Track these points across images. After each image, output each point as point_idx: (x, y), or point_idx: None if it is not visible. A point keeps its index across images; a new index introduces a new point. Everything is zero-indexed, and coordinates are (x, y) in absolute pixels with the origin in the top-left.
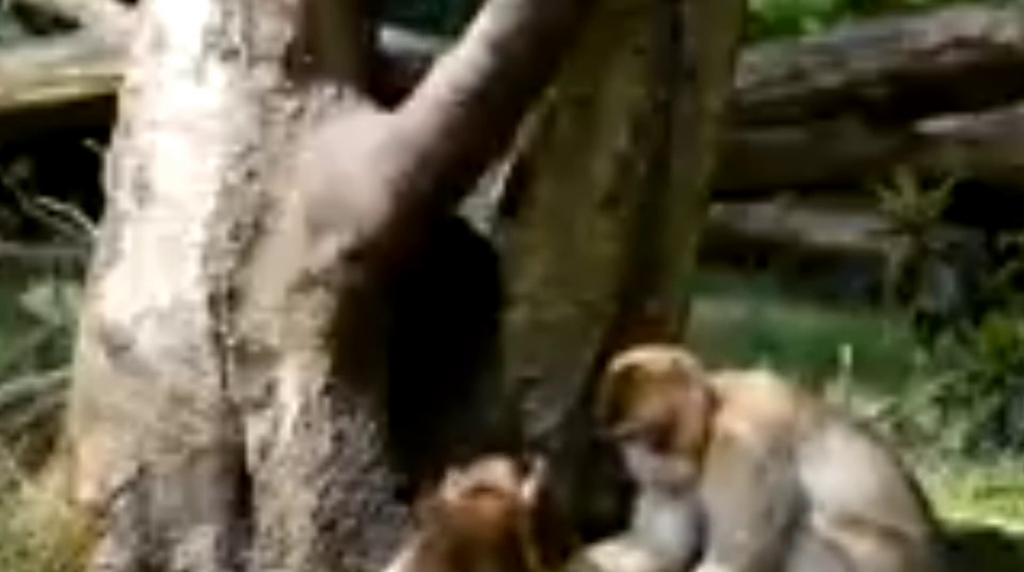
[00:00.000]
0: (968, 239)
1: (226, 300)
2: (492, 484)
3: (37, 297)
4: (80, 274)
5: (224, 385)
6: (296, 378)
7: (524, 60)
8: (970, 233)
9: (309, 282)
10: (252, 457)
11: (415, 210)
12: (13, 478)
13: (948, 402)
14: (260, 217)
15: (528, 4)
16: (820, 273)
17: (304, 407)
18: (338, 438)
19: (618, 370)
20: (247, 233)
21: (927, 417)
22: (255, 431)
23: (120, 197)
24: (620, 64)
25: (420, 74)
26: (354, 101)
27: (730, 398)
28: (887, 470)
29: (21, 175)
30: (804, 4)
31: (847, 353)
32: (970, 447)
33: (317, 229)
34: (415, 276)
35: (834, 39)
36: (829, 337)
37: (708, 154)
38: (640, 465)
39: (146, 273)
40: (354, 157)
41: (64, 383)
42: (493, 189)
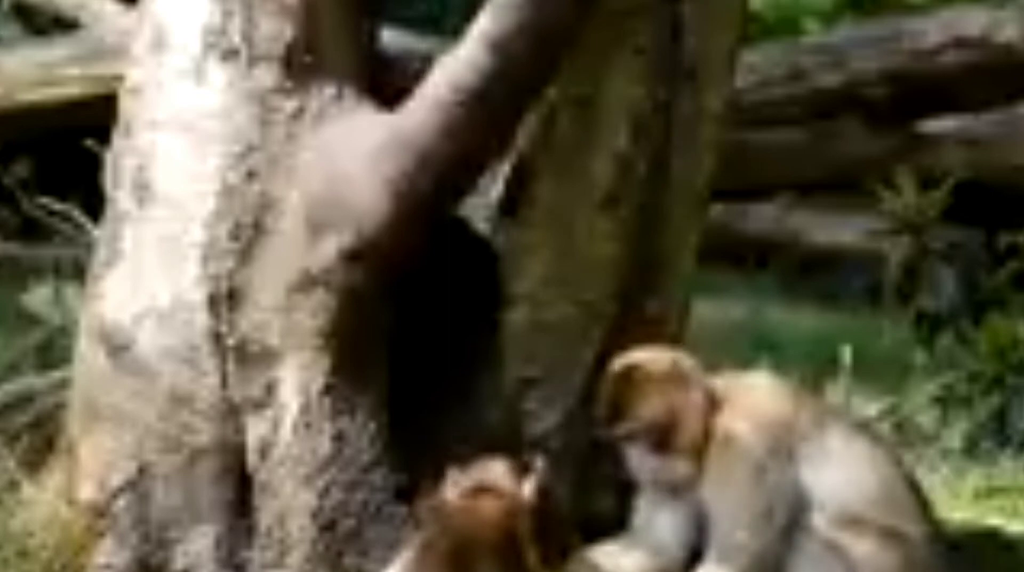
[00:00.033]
0: (968, 239)
1: (226, 300)
2: (492, 484)
3: (37, 297)
4: (80, 274)
5: (224, 385)
6: (296, 378)
7: (524, 60)
8: (970, 233)
9: (309, 282)
10: (252, 457)
11: (415, 210)
12: (13, 478)
13: (948, 402)
14: (260, 217)
15: (528, 4)
16: (820, 273)
17: (304, 407)
18: (338, 438)
19: (618, 370)
20: (247, 233)
21: (927, 417)
22: (255, 431)
23: (120, 197)
24: (620, 64)
25: (420, 74)
26: (354, 101)
27: (730, 398)
28: (887, 470)
29: (21, 175)
30: (804, 4)
31: (847, 353)
32: (970, 447)
33: (317, 229)
34: (415, 276)
35: (834, 39)
36: (829, 337)
37: (708, 154)
38: (640, 465)
39: (146, 273)
40: (354, 157)
41: (64, 383)
42: (493, 189)
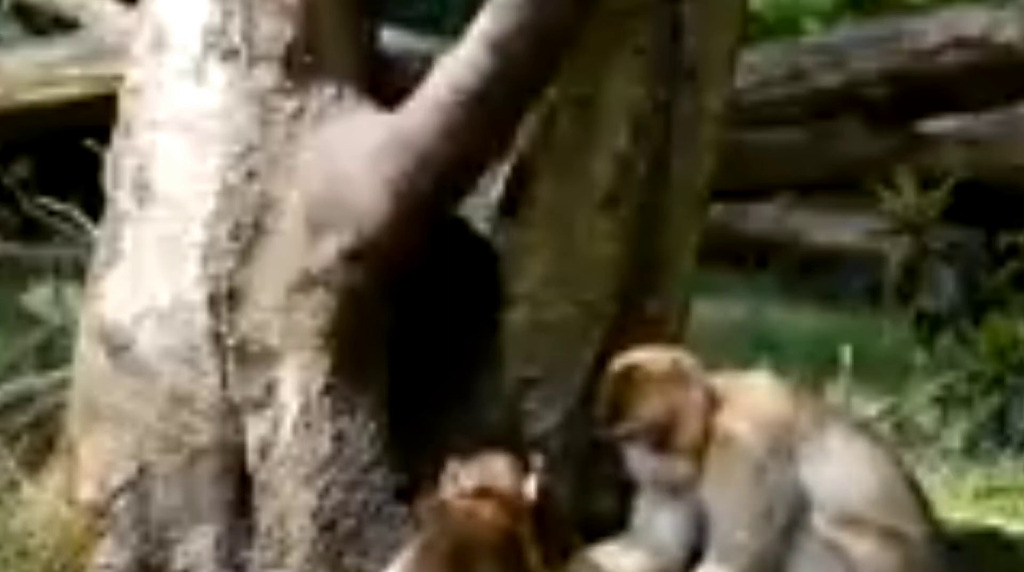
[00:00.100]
0: (968, 239)
1: (226, 300)
2: (492, 484)
3: (37, 297)
4: (80, 274)
5: (224, 385)
6: (296, 378)
7: (524, 60)
8: (970, 233)
9: (309, 282)
10: (252, 457)
11: (415, 210)
12: (13, 478)
13: (948, 402)
14: (260, 217)
15: (528, 4)
16: (820, 273)
17: (304, 407)
18: (338, 438)
19: (618, 370)
20: (247, 233)
21: (927, 417)
22: (255, 431)
23: (120, 197)
24: (620, 64)
25: (420, 74)
26: (354, 101)
27: (730, 398)
28: (887, 470)
29: (21, 175)
30: (804, 4)
31: (847, 353)
32: (970, 447)
33: (317, 229)
34: (415, 276)
35: (834, 39)
36: (829, 337)
37: (708, 154)
38: (640, 465)
39: (146, 273)
40: (354, 157)
41: (64, 383)
42: (493, 189)
